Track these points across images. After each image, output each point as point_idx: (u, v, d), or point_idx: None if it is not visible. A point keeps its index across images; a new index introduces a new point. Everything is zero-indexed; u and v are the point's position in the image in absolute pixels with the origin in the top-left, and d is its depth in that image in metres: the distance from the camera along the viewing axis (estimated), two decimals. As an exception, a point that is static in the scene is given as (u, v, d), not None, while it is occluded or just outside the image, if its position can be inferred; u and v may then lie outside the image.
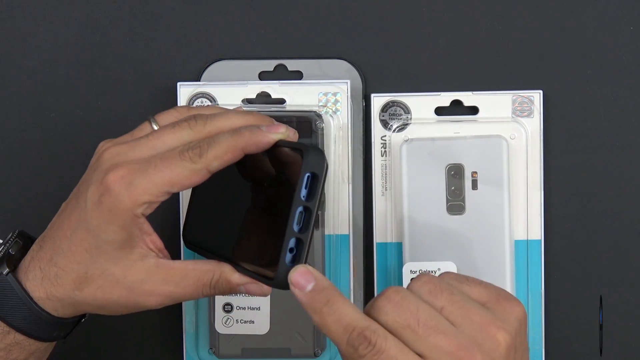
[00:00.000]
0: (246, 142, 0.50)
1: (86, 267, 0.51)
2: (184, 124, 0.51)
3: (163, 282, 0.51)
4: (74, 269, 0.51)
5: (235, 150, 0.50)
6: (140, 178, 0.49)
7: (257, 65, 0.65)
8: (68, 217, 0.51)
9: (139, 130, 0.53)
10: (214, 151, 0.49)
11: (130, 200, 0.49)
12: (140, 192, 0.49)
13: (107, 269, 0.51)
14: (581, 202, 0.65)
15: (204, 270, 0.52)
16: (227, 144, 0.49)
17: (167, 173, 0.49)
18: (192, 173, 0.49)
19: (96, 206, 0.49)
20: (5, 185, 0.66)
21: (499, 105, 0.64)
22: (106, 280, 0.51)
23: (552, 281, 0.64)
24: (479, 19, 0.65)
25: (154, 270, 0.51)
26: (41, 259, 0.52)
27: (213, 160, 0.49)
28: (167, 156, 0.49)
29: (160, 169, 0.49)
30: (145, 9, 0.65)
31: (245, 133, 0.50)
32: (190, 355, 0.64)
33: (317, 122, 0.62)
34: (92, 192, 0.50)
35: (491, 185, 0.62)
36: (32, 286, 0.52)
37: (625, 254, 0.65)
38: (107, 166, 0.50)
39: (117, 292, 0.51)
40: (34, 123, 0.65)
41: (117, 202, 0.49)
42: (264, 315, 0.63)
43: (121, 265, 0.51)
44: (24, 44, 0.65)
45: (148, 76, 0.65)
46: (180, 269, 0.51)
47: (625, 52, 0.65)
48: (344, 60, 0.65)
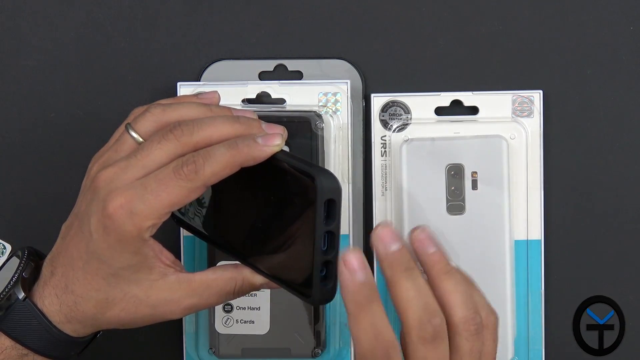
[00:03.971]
0: (244, 158, 0.49)
1: (106, 293, 0.50)
2: (170, 136, 0.49)
3: (186, 296, 0.51)
4: (93, 296, 0.51)
5: (232, 166, 0.49)
6: (140, 205, 0.48)
7: (257, 65, 0.65)
8: (76, 246, 0.51)
9: (120, 143, 0.51)
10: (211, 167, 0.48)
11: (134, 228, 0.48)
12: (142, 218, 0.48)
13: (129, 292, 0.50)
14: (581, 202, 0.65)
15: (226, 279, 0.52)
16: (223, 159, 0.49)
17: (165, 196, 0.48)
18: (190, 192, 0.49)
19: (103, 237, 0.49)
20: (5, 185, 0.66)
21: (499, 105, 0.64)
22: (129, 302, 0.51)
23: (552, 281, 0.64)
24: (479, 19, 0.65)
25: (176, 286, 0.51)
26: (56, 286, 0.51)
27: (210, 176, 0.48)
28: (161, 177, 0.48)
29: (157, 193, 0.48)
30: (145, 9, 0.65)
31: (242, 148, 0.49)
32: (190, 355, 0.64)
33: (317, 122, 0.62)
34: (95, 224, 0.49)
35: (491, 186, 0.62)
36: (50, 311, 0.51)
37: (625, 254, 0.65)
38: (103, 194, 0.49)
39: (142, 312, 0.51)
40: (34, 123, 0.65)
41: (122, 231, 0.48)
42: (264, 315, 0.63)
43: (143, 287, 0.51)
44: (24, 44, 0.65)
45: (148, 76, 0.65)
46: (202, 281, 0.51)
47: (625, 52, 0.65)
48: (344, 60, 0.65)
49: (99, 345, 0.66)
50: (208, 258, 0.63)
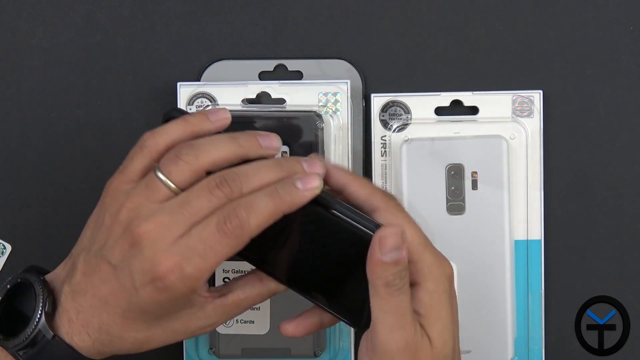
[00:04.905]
0: (286, 206, 0.48)
1: (146, 332, 0.51)
2: (218, 194, 0.48)
3: (220, 318, 0.52)
4: (132, 336, 0.51)
5: (276, 216, 0.48)
6: (189, 268, 0.47)
7: (257, 65, 0.65)
8: (112, 295, 0.50)
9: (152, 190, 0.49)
10: (256, 221, 0.48)
11: (187, 289, 0.48)
12: (194, 280, 0.48)
13: (169, 327, 0.51)
14: (581, 202, 0.65)
15: (255, 296, 0.52)
16: (267, 210, 0.48)
17: (212, 258, 0.48)
18: (236, 248, 0.48)
19: (152, 295, 0.48)
20: (5, 185, 0.66)
21: (499, 105, 0.64)
22: (168, 335, 0.51)
23: (552, 281, 0.64)
24: (479, 19, 0.65)
25: (212, 313, 0.51)
26: (87, 325, 0.50)
27: (255, 229, 0.48)
28: (206, 237, 0.47)
29: (205, 256, 0.47)
30: (145, 9, 0.65)
31: (285, 196, 0.48)
32: (190, 355, 0.64)
33: (317, 122, 0.62)
34: (142, 282, 0.48)
35: (491, 185, 0.62)
36: (81, 347, 0.50)
37: (625, 254, 0.65)
38: (149, 254, 0.48)
39: (180, 338, 0.52)
40: (34, 123, 0.65)
41: (175, 291, 0.48)
42: (264, 315, 0.63)
43: (182, 320, 0.51)
44: (24, 44, 0.65)
45: (148, 76, 0.65)
46: (235, 303, 0.52)
47: (625, 52, 0.65)
48: (344, 60, 0.65)
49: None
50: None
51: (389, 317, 0.48)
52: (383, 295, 0.48)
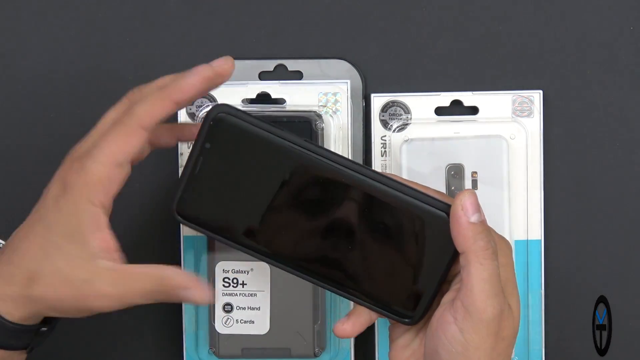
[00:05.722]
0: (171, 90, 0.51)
1: (38, 263, 0.50)
2: (124, 100, 0.52)
3: (110, 284, 0.50)
4: (27, 267, 0.50)
5: (163, 101, 0.51)
6: (89, 161, 0.50)
7: (257, 65, 0.65)
8: (29, 218, 0.52)
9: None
10: (143, 107, 0.50)
11: (84, 185, 0.50)
12: (91, 174, 0.50)
13: (57, 266, 0.50)
14: (581, 202, 0.65)
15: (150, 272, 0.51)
16: (153, 97, 0.51)
17: (107, 145, 0.50)
18: (127, 135, 0.50)
19: (55, 201, 0.50)
20: (5, 185, 0.66)
21: (499, 105, 0.64)
22: (55, 277, 0.50)
23: (552, 281, 0.64)
24: (479, 19, 0.65)
25: (101, 271, 0.50)
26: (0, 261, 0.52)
27: (144, 116, 0.50)
28: (104, 131, 0.51)
29: (101, 145, 0.50)
30: (145, 9, 0.65)
31: (170, 83, 0.51)
32: (190, 355, 0.64)
33: (317, 122, 0.62)
34: (52, 190, 0.51)
35: (491, 185, 0.62)
36: (4, 311, 0.51)
37: (625, 254, 0.65)
38: (63, 167, 0.51)
39: (66, 291, 0.50)
40: (34, 123, 0.65)
41: (72, 190, 0.50)
42: (264, 315, 0.63)
43: (71, 264, 0.50)
44: (24, 44, 0.65)
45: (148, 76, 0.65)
46: (126, 270, 0.50)
47: (625, 52, 0.65)
48: (344, 60, 0.65)
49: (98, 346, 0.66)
50: (208, 259, 0.63)
51: (487, 284, 0.49)
52: (481, 260, 0.49)
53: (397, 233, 0.50)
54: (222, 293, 0.63)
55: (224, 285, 0.63)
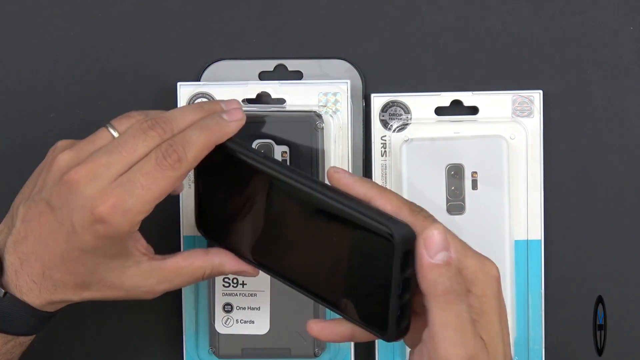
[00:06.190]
0: (217, 135, 0.51)
1: (84, 277, 0.52)
2: (152, 134, 0.51)
3: (157, 283, 0.54)
4: (72, 279, 0.52)
5: (209, 146, 0.51)
6: (132, 200, 0.49)
7: (257, 65, 0.65)
8: (52, 236, 0.51)
9: (99, 138, 0.52)
10: (192, 153, 0.50)
11: (128, 225, 0.50)
12: (135, 214, 0.50)
13: (105, 277, 0.52)
14: (581, 202, 0.65)
15: (195, 267, 0.54)
16: (200, 141, 0.51)
17: (156, 188, 0.50)
18: (177, 180, 0.50)
19: (89, 233, 0.50)
20: (5, 185, 0.66)
21: (499, 105, 0.64)
22: (104, 285, 0.53)
23: (552, 281, 0.64)
24: (478, 19, 0.65)
25: (148, 274, 0.53)
26: (31, 273, 0.52)
27: (192, 162, 0.51)
28: (147, 171, 0.50)
29: (147, 187, 0.49)
30: (145, 9, 0.65)
31: (214, 127, 0.51)
32: (190, 355, 0.64)
33: (317, 122, 0.62)
34: (81, 221, 0.49)
35: (491, 185, 0.62)
36: (30, 298, 0.52)
37: (625, 254, 0.65)
38: (89, 193, 0.49)
39: (116, 294, 0.53)
40: (34, 123, 0.65)
41: (115, 229, 0.50)
42: (264, 315, 0.63)
43: (117, 273, 0.52)
44: (24, 44, 0.65)
45: (148, 76, 0.65)
46: (173, 269, 0.54)
47: (625, 52, 0.65)
48: (344, 60, 0.65)
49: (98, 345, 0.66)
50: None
51: (451, 331, 0.45)
52: (443, 305, 0.45)
53: (346, 247, 0.50)
54: (222, 293, 0.63)
55: (224, 285, 0.63)
